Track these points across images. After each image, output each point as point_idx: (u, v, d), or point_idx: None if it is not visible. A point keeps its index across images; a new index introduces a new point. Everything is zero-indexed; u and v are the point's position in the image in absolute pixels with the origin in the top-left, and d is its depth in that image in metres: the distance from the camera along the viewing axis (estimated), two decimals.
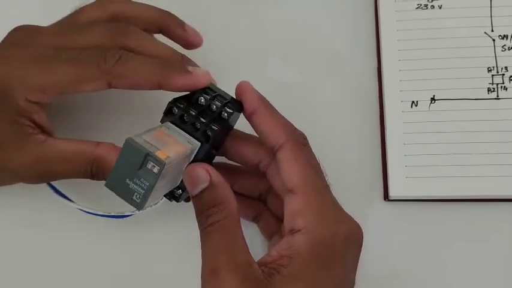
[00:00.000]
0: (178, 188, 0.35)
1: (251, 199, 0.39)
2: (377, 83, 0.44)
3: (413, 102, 0.43)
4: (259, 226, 0.39)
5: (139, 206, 0.30)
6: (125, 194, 0.30)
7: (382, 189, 0.42)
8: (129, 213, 0.39)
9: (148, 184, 0.29)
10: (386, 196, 0.41)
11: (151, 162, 0.29)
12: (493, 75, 0.43)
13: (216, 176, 0.32)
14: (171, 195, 0.35)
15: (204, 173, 0.32)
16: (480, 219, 0.41)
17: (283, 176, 0.33)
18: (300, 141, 0.34)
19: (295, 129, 0.34)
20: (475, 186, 0.41)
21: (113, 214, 0.39)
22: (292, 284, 0.31)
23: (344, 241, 0.32)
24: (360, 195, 0.42)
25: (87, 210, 0.39)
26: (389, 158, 0.41)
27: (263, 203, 0.39)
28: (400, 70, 0.43)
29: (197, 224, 0.32)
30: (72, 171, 0.36)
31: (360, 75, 0.45)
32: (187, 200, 0.36)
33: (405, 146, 0.42)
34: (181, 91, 0.34)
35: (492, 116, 0.42)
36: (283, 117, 0.35)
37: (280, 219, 0.37)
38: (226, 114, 0.34)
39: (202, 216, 0.32)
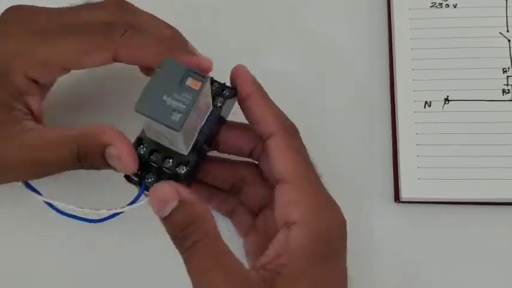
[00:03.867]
0: (180, 163, 0.31)
1: (225, 193, 0.38)
2: (389, 82, 0.44)
3: (426, 102, 0.42)
4: (233, 221, 0.38)
5: (178, 126, 0.28)
6: (161, 113, 0.27)
7: (393, 191, 0.41)
8: (110, 214, 0.33)
9: (191, 98, 0.27)
10: (397, 198, 0.41)
11: (192, 79, 0.28)
12: (508, 76, 0.42)
13: (185, 192, 0.30)
14: (173, 175, 0.32)
15: (170, 191, 0.30)
16: (494, 222, 0.40)
17: (273, 165, 0.32)
18: (291, 130, 0.33)
19: (287, 118, 0.34)
20: (488, 189, 0.40)
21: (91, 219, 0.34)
22: (295, 284, 0.30)
23: (338, 234, 0.32)
24: (370, 196, 0.41)
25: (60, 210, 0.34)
26: (401, 159, 0.41)
27: (237, 197, 0.37)
28: (413, 69, 0.43)
29: (174, 247, 0.30)
30: (60, 159, 0.32)
31: (371, 74, 0.44)
32: (188, 178, 0.33)
33: (418, 146, 0.41)
34: None
35: (506, 117, 0.41)
36: (275, 105, 0.34)
37: (254, 214, 0.36)
38: (219, 102, 0.33)
39: (179, 238, 0.30)
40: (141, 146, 0.31)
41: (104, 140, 0.31)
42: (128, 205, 0.32)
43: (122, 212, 0.32)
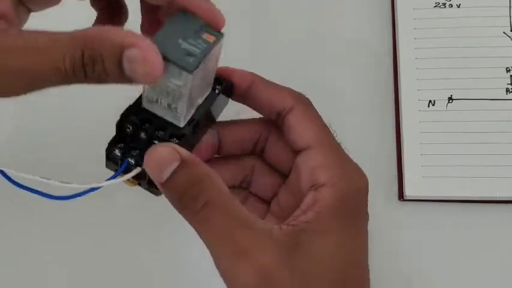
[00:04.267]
0: (173, 135, 0.29)
1: (232, 189, 0.36)
2: (393, 81, 0.44)
3: (430, 101, 0.42)
4: None
5: (191, 67, 0.26)
6: (175, 54, 0.26)
7: (397, 189, 0.41)
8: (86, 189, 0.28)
9: (206, 46, 0.27)
10: (401, 196, 0.41)
11: (207, 33, 0.27)
12: (511, 76, 0.42)
13: (185, 152, 0.27)
14: (151, 188, 0.30)
15: (169, 152, 0.27)
16: (497, 220, 0.40)
17: (296, 136, 0.32)
18: (306, 101, 0.33)
19: (300, 92, 0.33)
20: (492, 187, 0.40)
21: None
22: (320, 240, 0.29)
23: (363, 195, 0.31)
24: (374, 194, 0.41)
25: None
26: (405, 157, 0.41)
27: (245, 190, 0.36)
28: (417, 69, 0.43)
29: (180, 214, 0.27)
30: (49, 65, 0.25)
31: (375, 73, 0.45)
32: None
33: (422, 145, 0.41)
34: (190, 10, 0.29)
35: (510, 116, 0.41)
36: (281, 85, 0.33)
37: (266, 202, 0.35)
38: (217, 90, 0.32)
39: (185, 202, 0.27)
40: (133, 116, 0.29)
41: (121, 39, 0.25)
42: (107, 180, 0.28)
43: (98, 188, 0.28)
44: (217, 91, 0.32)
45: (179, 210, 0.27)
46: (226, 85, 0.32)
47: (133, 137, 0.29)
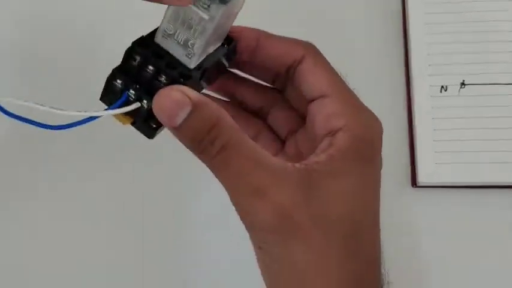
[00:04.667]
0: (182, 75, 0.28)
1: (250, 115, 0.35)
2: (404, 67, 0.43)
3: (442, 87, 0.42)
4: None
5: (226, 1, 0.26)
6: None
7: (410, 176, 0.41)
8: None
9: None
10: (414, 183, 0.41)
11: None
12: None
13: (194, 93, 0.27)
14: (145, 128, 0.29)
15: (181, 95, 0.26)
16: (511, 206, 0.40)
17: (309, 85, 0.32)
18: (316, 50, 0.32)
19: (307, 41, 0.33)
20: (506, 172, 0.40)
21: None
22: (334, 180, 0.28)
23: (378, 140, 0.31)
24: (387, 182, 0.40)
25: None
26: (417, 143, 0.41)
27: (262, 121, 0.35)
28: (428, 54, 0.42)
29: (193, 153, 0.27)
30: None
31: (386, 60, 0.44)
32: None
33: (434, 131, 0.41)
34: None
35: None
36: (287, 37, 0.33)
37: (281, 141, 0.35)
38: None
39: (202, 147, 0.27)
40: (143, 47, 0.28)
41: None
42: (107, 110, 0.27)
43: (97, 117, 0.27)
44: (225, 47, 0.31)
45: (195, 153, 0.27)
46: (233, 45, 0.31)
47: (139, 71, 0.28)
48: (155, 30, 0.29)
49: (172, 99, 0.26)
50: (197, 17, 0.27)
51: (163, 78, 0.28)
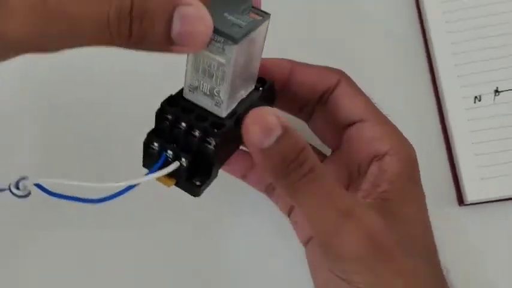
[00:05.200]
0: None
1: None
2: (431, 83, 0.42)
3: (476, 97, 0.40)
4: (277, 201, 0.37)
5: (237, 35, 0.25)
6: (221, 24, 0.25)
7: (455, 194, 0.39)
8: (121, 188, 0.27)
9: (252, 21, 0.26)
10: (461, 201, 0.39)
11: (253, 13, 0.27)
12: None
13: (284, 118, 0.27)
14: (189, 186, 0.28)
15: (274, 118, 0.26)
16: None
17: (347, 109, 0.33)
18: (348, 77, 0.34)
19: (338, 69, 0.34)
20: None
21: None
22: (405, 204, 0.30)
23: (417, 163, 0.33)
24: (432, 203, 0.39)
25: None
26: (459, 159, 0.39)
27: None
28: (455, 65, 0.41)
29: (274, 176, 0.27)
30: (93, 12, 0.23)
31: (411, 80, 0.42)
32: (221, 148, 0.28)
33: (473, 145, 0.39)
34: None
35: None
36: (318, 65, 0.34)
37: None
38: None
39: (289, 168, 0.27)
40: (172, 106, 0.28)
41: None
42: (147, 175, 0.27)
43: (135, 185, 0.27)
44: (260, 90, 0.31)
45: (278, 177, 0.27)
46: (268, 85, 0.31)
47: (172, 129, 0.28)
48: (182, 89, 0.29)
49: (266, 119, 0.26)
50: (215, 63, 0.27)
51: (196, 132, 0.28)
